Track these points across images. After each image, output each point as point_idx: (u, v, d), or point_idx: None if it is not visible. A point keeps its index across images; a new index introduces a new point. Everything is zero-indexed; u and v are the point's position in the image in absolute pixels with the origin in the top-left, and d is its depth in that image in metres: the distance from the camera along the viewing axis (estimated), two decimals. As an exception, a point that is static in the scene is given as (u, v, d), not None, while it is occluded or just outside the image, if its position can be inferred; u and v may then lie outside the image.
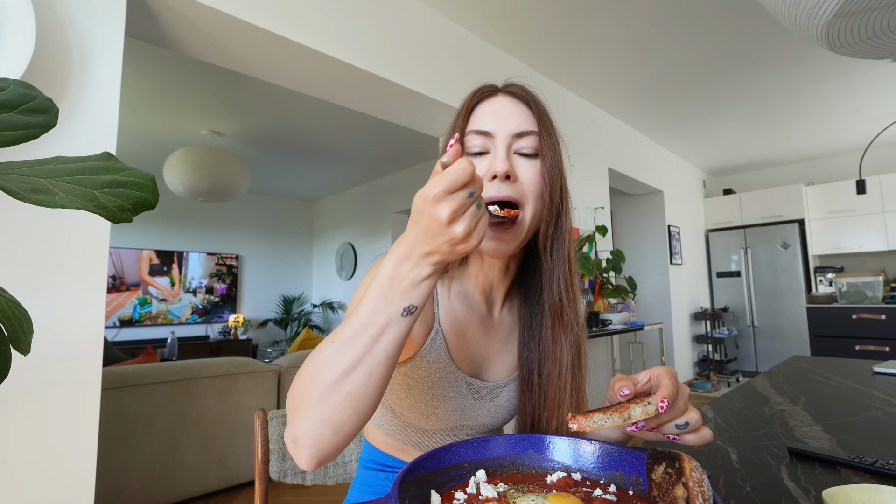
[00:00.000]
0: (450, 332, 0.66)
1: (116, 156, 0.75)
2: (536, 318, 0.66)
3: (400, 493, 0.38)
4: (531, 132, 0.60)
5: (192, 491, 2.22)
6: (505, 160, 0.57)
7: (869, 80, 3.29)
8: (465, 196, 0.39)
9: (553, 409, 0.62)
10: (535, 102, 0.63)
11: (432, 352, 0.64)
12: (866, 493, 0.48)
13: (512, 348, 0.70)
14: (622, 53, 2.89)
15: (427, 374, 0.64)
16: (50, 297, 1.20)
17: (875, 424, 0.82)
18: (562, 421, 0.62)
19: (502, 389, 0.69)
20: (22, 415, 1.14)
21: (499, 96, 0.63)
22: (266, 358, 5.69)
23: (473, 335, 0.67)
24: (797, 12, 1.00)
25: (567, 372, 0.63)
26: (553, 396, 0.62)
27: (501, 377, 0.69)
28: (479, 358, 0.68)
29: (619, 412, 0.45)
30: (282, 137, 4.17)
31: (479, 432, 0.70)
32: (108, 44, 1.37)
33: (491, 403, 0.68)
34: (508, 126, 0.59)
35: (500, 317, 0.70)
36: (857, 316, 4.06)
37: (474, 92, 0.64)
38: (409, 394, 0.65)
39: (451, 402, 0.65)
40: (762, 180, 5.55)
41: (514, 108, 0.61)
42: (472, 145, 0.60)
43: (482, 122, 0.60)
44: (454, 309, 0.67)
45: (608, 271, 3.17)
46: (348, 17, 2.02)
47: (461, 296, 0.68)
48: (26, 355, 0.34)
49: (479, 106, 0.62)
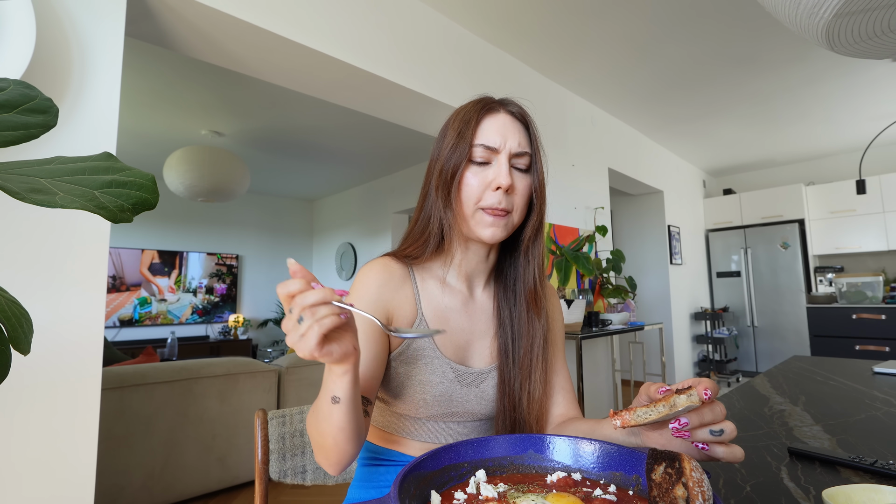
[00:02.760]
0: (433, 318, 0.72)
1: (116, 156, 0.75)
2: (512, 301, 0.76)
3: (400, 493, 0.38)
4: (527, 153, 0.70)
5: (192, 491, 2.22)
6: (507, 175, 0.67)
7: (869, 80, 3.29)
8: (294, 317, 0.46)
9: (525, 376, 0.72)
10: (531, 125, 0.73)
11: (418, 339, 0.70)
12: (866, 493, 0.48)
13: (494, 333, 0.77)
14: (622, 53, 2.89)
15: (413, 360, 0.70)
16: (50, 297, 1.20)
17: (875, 424, 0.82)
18: (534, 387, 0.72)
19: (487, 376, 0.73)
20: (22, 415, 1.14)
21: (501, 114, 0.71)
22: (266, 358, 5.69)
23: (457, 321, 0.74)
24: (797, 12, 1.00)
25: (539, 347, 0.73)
26: (525, 366, 0.72)
27: (486, 363, 0.75)
28: (463, 343, 0.74)
29: (665, 401, 0.46)
30: (282, 137, 4.17)
31: (468, 421, 0.73)
32: (108, 44, 1.37)
33: (477, 390, 0.72)
34: (511, 144, 0.69)
35: (482, 299, 0.78)
36: (857, 316, 4.06)
37: (479, 104, 0.72)
38: (399, 382, 0.70)
39: (438, 387, 0.69)
40: (762, 180, 5.55)
41: (515, 128, 0.70)
42: (477, 155, 0.69)
43: (488, 138, 0.69)
44: (436, 296, 0.74)
45: (608, 271, 3.17)
46: (348, 17, 2.02)
47: (444, 283, 0.75)
48: (26, 355, 0.34)
49: (485, 120, 0.70)
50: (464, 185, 0.69)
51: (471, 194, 0.68)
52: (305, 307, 0.45)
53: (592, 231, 3.38)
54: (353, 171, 5.28)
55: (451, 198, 0.70)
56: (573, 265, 2.81)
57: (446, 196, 0.70)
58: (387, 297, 0.70)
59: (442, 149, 0.71)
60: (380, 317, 0.69)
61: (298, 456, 0.86)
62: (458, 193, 0.69)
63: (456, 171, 0.69)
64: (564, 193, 3.28)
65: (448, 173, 0.69)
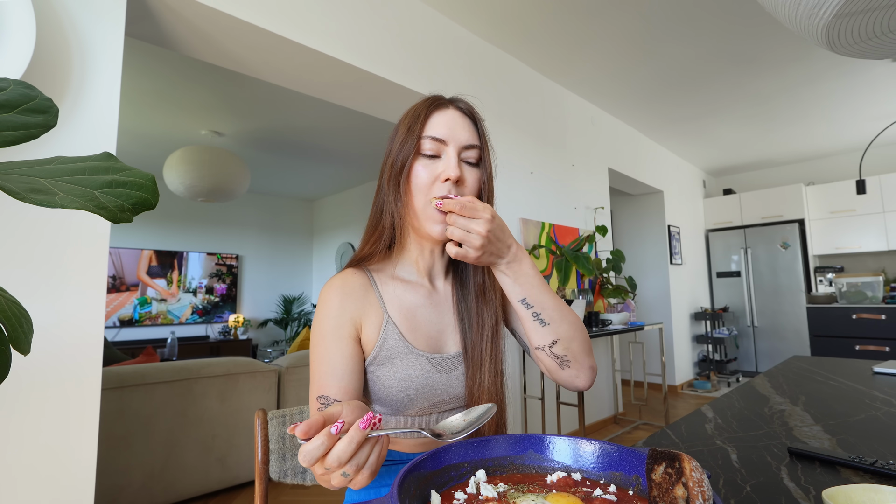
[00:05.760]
0: (399, 317, 0.73)
1: (116, 156, 0.75)
2: (467, 293, 0.78)
3: (400, 493, 0.38)
4: (476, 146, 0.72)
5: (192, 491, 2.22)
6: (456, 167, 0.68)
7: (869, 80, 3.29)
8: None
9: (476, 368, 0.73)
10: (479, 121, 0.74)
11: (389, 340, 0.71)
12: (866, 493, 0.48)
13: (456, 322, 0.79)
14: (622, 53, 2.89)
15: (390, 359, 0.70)
16: (50, 297, 1.20)
17: (875, 424, 0.82)
18: (483, 377, 0.73)
19: (461, 359, 0.75)
20: (22, 415, 1.14)
21: (450, 109, 0.72)
22: (266, 358, 5.69)
23: (423, 314, 0.75)
24: (797, 12, 1.00)
25: (488, 339, 0.75)
26: (476, 357, 0.74)
27: (459, 346, 0.77)
28: (434, 333, 0.75)
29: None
30: (282, 137, 4.17)
31: (455, 407, 0.74)
32: (108, 44, 1.37)
33: (456, 373, 0.74)
34: (460, 138, 0.70)
35: (444, 290, 0.79)
36: (857, 316, 4.06)
37: (428, 101, 0.73)
38: (381, 385, 0.71)
39: (417, 380, 0.70)
40: (762, 180, 5.55)
41: (464, 123, 0.72)
42: (426, 148, 0.70)
43: (437, 130, 0.70)
44: (399, 296, 0.75)
45: (608, 271, 3.17)
46: (348, 17, 2.02)
47: (404, 281, 0.76)
48: (26, 355, 0.34)
49: (434, 115, 0.71)
50: (413, 176, 0.70)
51: (420, 186, 0.69)
52: (344, 464, 0.42)
53: (592, 231, 3.38)
54: (353, 171, 5.28)
55: (401, 190, 0.71)
56: (573, 265, 2.81)
57: (396, 188, 0.71)
58: (350, 310, 0.70)
59: (393, 145, 0.73)
60: (350, 330, 0.69)
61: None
62: (407, 185, 0.70)
63: (405, 164, 0.70)
64: (564, 193, 3.28)
65: (398, 166, 0.71)
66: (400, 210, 0.72)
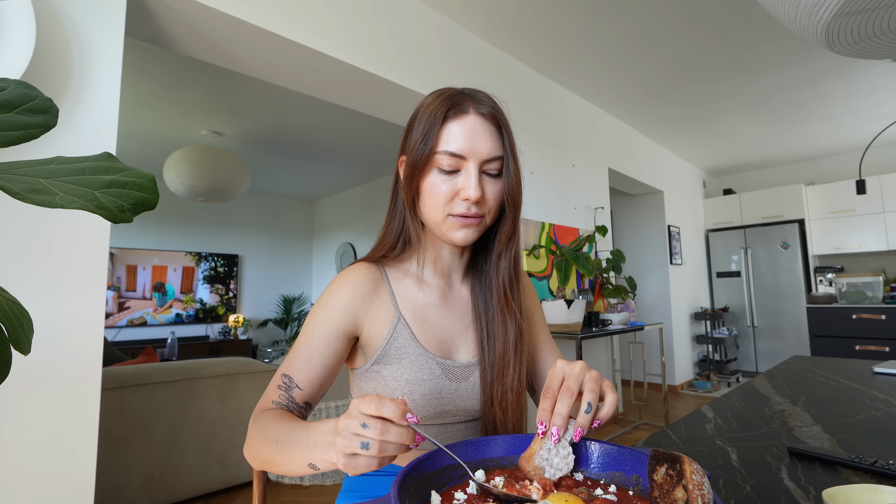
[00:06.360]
0: (412, 317, 0.70)
1: (116, 156, 0.75)
2: (488, 295, 0.73)
3: (400, 493, 0.38)
4: (499, 157, 0.65)
5: (192, 491, 2.22)
6: (477, 187, 0.63)
7: (869, 80, 3.29)
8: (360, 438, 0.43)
9: (498, 378, 0.69)
10: (504, 125, 0.67)
11: (399, 339, 0.67)
12: (866, 493, 0.48)
13: (474, 325, 0.75)
14: (622, 53, 2.89)
15: (398, 359, 0.67)
16: (50, 297, 1.20)
17: (875, 424, 0.82)
18: (506, 388, 0.68)
19: (474, 369, 0.71)
20: (22, 415, 1.14)
21: (470, 115, 0.64)
22: (266, 358, 5.69)
23: (437, 316, 0.72)
24: (797, 12, 1.00)
25: (511, 352, 0.70)
26: (500, 368, 0.69)
27: (471, 355, 0.72)
28: (446, 338, 0.71)
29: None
30: (282, 137, 4.17)
31: (461, 421, 0.70)
32: (108, 44, 1.37)
33: (466, 383, 0.69)
34: (481, 151, 0.64)
35: (461, 292, 0.76)
36: (857, 316, 4.06)
37: (446, 101, 0.65)
38: (386, 386, 0.67)
39: (425, 384, 0.66)
40: (762, 180, 5.55)
41: (486, 131, 0.64)
42: (444, 164, 0.64)
43: (456, 144, 0.63)
44: (413, 294, 0.71)
45: (608, 271, 3.17)
46: (348, 16, 2.02)
47: (420, 281, 0.73)
48: (26, 355, 0.34)
49: (451, 123, 0.64)
50: (432, 192, 0.65)
51: (439, 202, 0.65)
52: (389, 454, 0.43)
53: (592, 231, 3.38)
54: (353, 171, 5.28)
55: (418, 199, 0.67)
56: (573, 265, 2.81)
57: (413, 195, 0.67)
58: (356, 304, 0.67)
59: (408, 150, 0.67)
60: (348, 324, 0.66)
61: (298, 456, 0.86)
62: (425, 197, 0.66)
63: (423, 178, 0.65)
64: (564, 193, 3.28)
65: (416, 180, 0.66)
66: (419, 222, 0.70)
